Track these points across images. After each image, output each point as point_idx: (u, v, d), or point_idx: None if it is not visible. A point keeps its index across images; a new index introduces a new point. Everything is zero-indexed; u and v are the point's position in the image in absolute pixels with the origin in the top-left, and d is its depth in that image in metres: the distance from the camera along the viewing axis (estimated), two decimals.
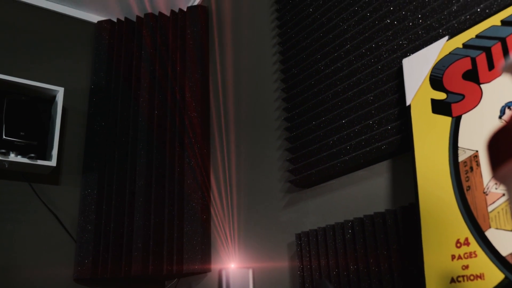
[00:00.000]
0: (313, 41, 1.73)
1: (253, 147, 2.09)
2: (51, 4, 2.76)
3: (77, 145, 2.60)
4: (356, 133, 1.46)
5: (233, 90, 2.32)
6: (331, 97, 1.60)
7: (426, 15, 1.31)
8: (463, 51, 1.18)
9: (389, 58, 1.39)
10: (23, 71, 2.53)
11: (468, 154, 1.13)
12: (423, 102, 1.25)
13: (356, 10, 1.55)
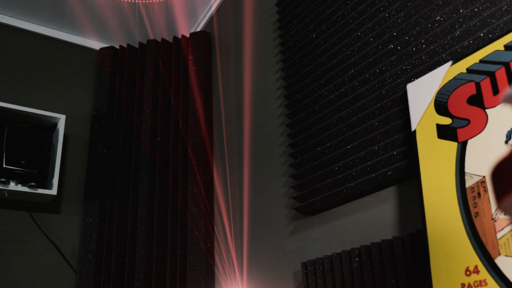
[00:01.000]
0: (317, 66, 1.76)
1: (257, 174, 2.11)
2: (53, 31, 2.82)
3: (78, 173, 2.63)
4: (361, 159, 1.48)
5: (236, 116, 2.35)
6: (336, 123, 1.62)
7: (429, 40, 1.34)
8: (467, 76, 1.21)
9: (393, 83, 1.42)
10: (24, 99, 2.58)
11: (475, 180, 1.14)
12: (429, 127, 1.27)
13: (359, 36, 1.59)
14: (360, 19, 1.60)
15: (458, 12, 1.28)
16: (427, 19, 1.36)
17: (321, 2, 1.81)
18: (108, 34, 2.88)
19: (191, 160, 2.43)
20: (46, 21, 2.78)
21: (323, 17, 1.78)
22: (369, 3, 1.58)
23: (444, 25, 1.30)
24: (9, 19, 2.70)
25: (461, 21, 1.27)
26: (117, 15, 2.75)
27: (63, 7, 2.68)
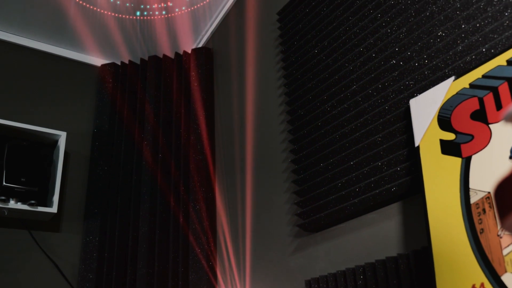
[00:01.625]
0: (319, 82, 1.78)
1: (259, 190, 2.11)
2: (54, 48, 2.86)
3: (78, 191, 2.64)
4: (365, 175, 1.49)
5: (239, 132, 2.36)
6: (339, 139, 1.63)
7: (432, 56, 1.36)
8: (470, 91, 1.22)
9: (396, 99, 1.43)
10: (25, 116, 2.60)
11: (480, 196, 1.14)
12: (432, 142, 1.28)
13: (362, 51, 1.61)
14: (362, 34, 1.63)
15: (460, 27, 1.30)
16: (429, 34, 1.38)
17: (323, 17, 1.84)
18: (109, 50, 2.91)
19: (193, 177, 2.44)
20: (47, 37, 2.82)
21: (325, 33, 1.81)
22: (371, 18, 1.60)
23: (446, 40, 1.32)
24: (10, 36, 2.74)
25: (463, 37, 1.28)
26: (119, 31, 2.78)
27: (64, 24, 2.72)
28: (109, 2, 2.60)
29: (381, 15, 1.56)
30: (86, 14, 2.66)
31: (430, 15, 1.39)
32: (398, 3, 1.51)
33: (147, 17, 2.70)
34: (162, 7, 2.65)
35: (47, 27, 2.74)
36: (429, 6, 1.40)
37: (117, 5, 2.62)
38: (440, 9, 1.37)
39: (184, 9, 2.67)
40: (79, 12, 2.64)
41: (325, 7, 1.84)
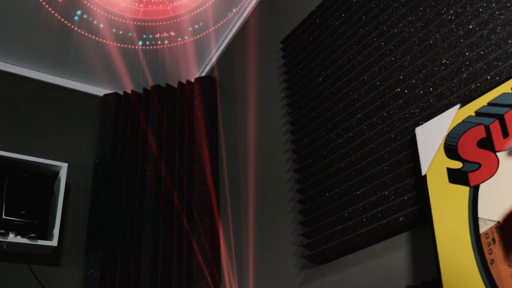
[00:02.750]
0: (324, 110, 1.81)
1: (264, 221, 2.12)
2: (55, 78, 2.91)
3: (79, 223, 2.65)
4: (371, 204, 1.50)
5: (243, 161, 2.38)
6: (344, 168, 1.65)
7: (437, 83, 1.38)
8: (476, 119, 1.24)
9: (402, 127, 1.45)
10: (25, 147, 2.63)
11: (489, 225, 1.15)
12: (439, 171, 1.30)
13: (366, 79, 1.64)
14: (366, 62, 1.66)
15: (464, 55, 1.33)
16: (434, 62, 1.41)
17: (327, 46, 1.88)
18: (112, 80, 2.96)
19: (198, 207, 2.45)
20: (48, 68, 2.87)
21: (329, 61, 1.84)
22: (374, 47, 1.64)
23: (451, 68, 1.35)
24: (10, 66, 2.79)
25: (467, 64, 1.31)
26: (121, 61, 2.84)
27: (65, 54, 2.77)
28: (111, 32, 2.66)
29: (384, 44, 1.60)
30: (88, 44, 2.72)
31: (433, 43, 1.42)
32: (402, 31, 1.54)
33: (149, 46, 2.76)
34: (165, 36, 2.70)
35: (49, 57, 2.80)
36: (433, 34, 1.43)
37: (120, 35, 2.68)
38: (444, 37, 1.40)
39: (186, 38, 2.73)
40: (81, 42, 2.70)
41: (329, 35, 1.88)
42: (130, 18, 2.59)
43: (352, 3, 1.80)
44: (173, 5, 2.53)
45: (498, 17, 1.26)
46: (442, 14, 1.42)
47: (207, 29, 2.71)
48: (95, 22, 2.60)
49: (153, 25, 2.64)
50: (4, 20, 2.52)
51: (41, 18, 2.52)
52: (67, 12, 2.52)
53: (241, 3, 2.58)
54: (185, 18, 2.61)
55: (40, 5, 2.45)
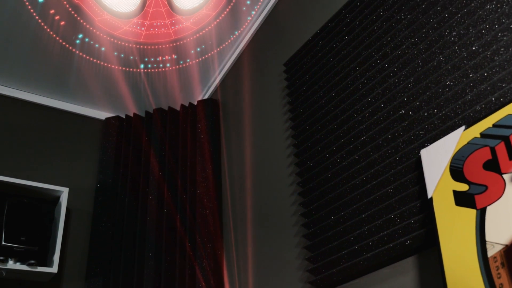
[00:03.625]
0: (328, 133, 1.83)
1: (268, 245, 2.12)
2: (56, 102, 2.95)
3: (80, 248, 2.65)
4: (377, 228, 1.51)
5: (247, 184, 2.39)
6: (349, 191, 1.66)
7: (441, 105, 1.40)
8: (481, 140, 1.26)
9: (407, 149, 1.47)
10: (26, 172, 2.65)
11: (497, 249, 1.16)
12: (445, 194, 1.31)
13: (370, 101, 1.66)
14: (370, 84, 1.68)
15: (468, 76, 1.35)
16: (437, 84, 1.43)
17: (330, 68, 1.90)
18: (114, 103, 3.00)
19: (200, 232, 2.46)
20: (49, 91, 2.91)
21: (332, 83, 1.87)
22: (378, 68, 1.66)
23: (455, 89, 1.37)
24: (12, 90, 2.83)
25: (471, 86, 1.33)
26: (123, 84, 2.87)
27: (67, 77, 2.81)
28: (113, 55, 2.70)
29: (388, 65, 1.62)
30: (89, 67, 2.76)
31: (437, 64, 1.45)
32: (405, 53, 1.57)
33: (151, 69, 2.80)
34: (167, 59, 2.74)
35: (50, 80, 2.83)
36: (436, 56, 1.46)
37: (121, 58, 2.72)
38: (447, 58, 1.42)
39: (188, 61, 2.77)
40: (83, 65, 2.74)
41: (332, 57, 1.91)
42: (132, 41, 2.63)
43: (355, 25, 1.83)
44: (175, 28, 2.57)
45: (501, 39, 1.29)
46: (445, 35, 1.45)
47: (210, 52, 2.75)
48: (97, 46, 2.64)
49: (155, 48, 2.68)
50: (5, 43, 2.56)
51: (42, 41, 2.57)
52: (69, 35, 2.56)
53: (243, 25, 2.62)
54: (187, 41, 2.65)
55: (42, 28, 2.49)
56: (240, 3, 2.50)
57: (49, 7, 2.41)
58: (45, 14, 2.44)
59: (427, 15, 1.52)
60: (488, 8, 1.34)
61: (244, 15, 2.57)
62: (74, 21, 2.49)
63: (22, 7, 2.37)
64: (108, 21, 2.50)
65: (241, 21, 2.60)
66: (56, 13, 2.44)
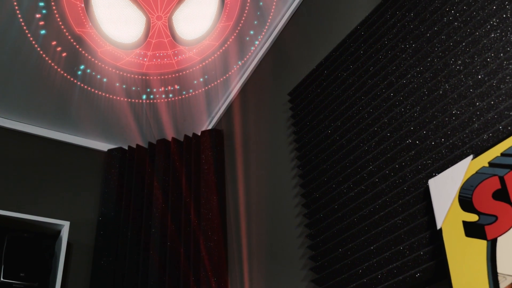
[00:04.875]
0: (334, 163, 1.85)
1: (276, 279, 2.12)
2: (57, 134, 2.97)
3: (81, 284, 2.65)
4: (386, 260, 1.51)
5: (252, 216, 2.40)
6: (357, 222, 1.67)
7: (448, 134, 1.42)
8: (490, 170, 1.27)
9: (414, 179, 1.49)
10: (26, 206, 2.67)
11: (510, 281, 1.16)
12: (455, 224, 1.32)
13: (376, 131, 1.69)
14: (376, 113, 1.71)
15: (475, 105, 1.37)
16: (444, 112, 1.46)
17: (335, 97, 1.94)
18: (116, 135, 3.04)
19: (205, 265, 2.46)
20: (51, 123, 2.94)
21: (337, 113, 1.90)
22: (384, 98, 1.69)
23: (462, 118, 1.40)
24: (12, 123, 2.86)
25: (478, 114, 1.36)
26: (125, 115, 2.91)
27: (68, 109, 2.85)
28: (114, 86, 2.75)
29: (394, 94, 1.66)
30: (91, 99, 2.80)
31: (443, 93, 1.48)
32: (410, 82, 1.60)
33: (154, 100, 2.84)
34: (169, 90, 2.79)
35: (51, 112, 2.87)
36: (442, 85, 1.49)
37: (124, 89, 2.76)
38: (453, 87, 1.45)
39: (192, 91, 2.81)
40: (84, 96, 2.78)
41: (337, 87, 1.95)
42: (135, 72, 2.68)
43: (359, 54, 1.87)
44: (178, 58, 2.62)
45: (507, 67, 1.32)
46: (450, 64, 1.48)
47: (213, 82, 2.79)
48: (99, 77, 2.69)
49: (158, 78, 2.73)
50: (6, 74, 2.60)
51: (43, 72, 2.61)
52: (71, 66, 2.61)
53: (247, 55, 2.67)
54: (190, 71, 2.70)
55: (43, 60, 2.54)
56: (244, 33, 2.56)
57: (51, 39, 2.45)
58: (46, 46, 2.49)
59: (432, 44, 1.56)
60: (493, 36, 1.37)
61: (248, 45, 2.62)
62: (76, 52, 2.54)
63: (24, 39, 2.42)
64: (111, 52, 2.55)
65: (245, 51, 2.65)
66: (58, 44, 2.48)
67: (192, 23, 2.43)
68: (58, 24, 2.39)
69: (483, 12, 1.42)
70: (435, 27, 1.57)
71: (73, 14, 2.37)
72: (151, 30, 2.45)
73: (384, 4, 1.81)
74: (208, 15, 2.43)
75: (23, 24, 2.36)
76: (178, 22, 2.41)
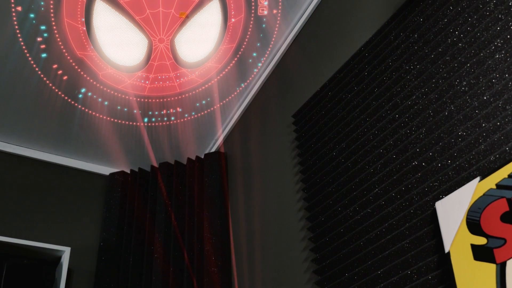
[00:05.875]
0: (339, 186, 1.86)
1: None
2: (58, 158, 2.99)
3: None
4: (394, 285, 1.52)
5: (256, 240, 2.41)
6: (363, 246, 1.68)
7: (455, 156, 1.44)
8: (497, 192, 1.29)
9: (421, 202, 1.50)
10: (26, 231, 2.67)
11: None
12: (463, 248, 1.33)
13: (382, 153, 1.70)
14: (381, 135, 1.73)
15: (481, 126, 1.39)
16: (450, 134, 1.47)
17: (340, 119, 1.96)
18: (118, 158, 3.06)
19: None
20: (51, 147, 2.96)
21: (342, 135, 1.92)
22: (389, 119, 1.71)
23: (468, 139, 1.41)
24: (13, 147, 2.88)
25: (484, 135, 1.37)
26: (127, 138, 2.94)
27: (68, 132, 2.87)
28: (115, 109, 2.77)
29: (399, 116, 1.68)
30: (92, 122, 2.82)
31: (449, 114, 1.50)
32: (416, 103, 1.62)
33: (156, 123, 2.86)
34: (171, 112, 2.82)
35: (51, 136, 2.88)
36: (447, 106, 1.51)
37: (125, 112, 2.79)
38: (459, 108, 1.47)
39: (194, 114, 2.84)
40: (85, 120, 2.81)
41: (342, 108, 1.97)
42: (136, 94, 2.71)
43: (364, 76, 1.90)
44: (180, 81, 2.66)
45: None
46: (455, 85, 1.50)
47: (216, 104, 2.82)
48: (100, 100, 2.71)
49: (160, 101, 2.76)
50: (6, 98, 2.62)
51: (44, 96, 2.63)
52: (71, 90, 2.63)
53: (250, 77, 2.70)
54: (192, 93, 2.74)
55: (44, 83, 2.56)
56: (247, 55, 2.59)
57: (52, 62, 2.49)
58: (47, 69, 2.52)
59: (437, 65, 1.59)
60: (498, 57, 1.40)
61: (251, 67, 2.65)
62: (77, 76, 2.57)
63: (25, 62, 2.45)
64: (112, 75, 2.59)
65: (247, 73, 2.69)
66: (59, 67, 2.52)
67: (194, 45, 2.47)
68: (59, 47, 2.42)
69: (487, 33, 1.44)
70: (440, 48, 1.59)
71: (74, 37, 2.40)
72: (153, 52, 2.49)
73: (388, 25, 1.84)
74: (210, 37, 2.47)
75: (24, 47, 2.39)
76: (180, 44, 2.45)
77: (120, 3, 2.30)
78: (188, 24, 2.40)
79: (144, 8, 2.33)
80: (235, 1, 2.38)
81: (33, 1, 2.22)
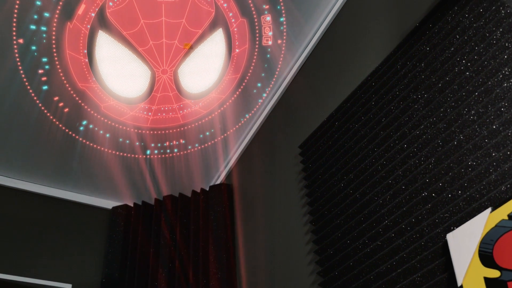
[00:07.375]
0: (348, 218, 1.88)
1: None
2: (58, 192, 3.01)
3: None
4: None
5: (263, 274, 2.41)
6: (374, 280, 1.68)
7: (465, 186, 1.46)
8: (509, 222, 1.30)
9: (432, 233, 1.51)
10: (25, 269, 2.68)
11: None
12: (476, 281, 1.34)
13: (390, 184, 1.72)
14: (389, 166, 1.75)
15: (491, 155, 1.41)
16: (460, 164, 1.50)
17: (347, 150, 1.98)
18: (120, 191, 3.08)
19: None
20: (52, 181, 2.98)
21: (350, 165, 1.94)
22: (397, 149, 1.73)
23: (478, 169, 1.43)
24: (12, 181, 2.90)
25: (495, 165, 1.40)
26: (130, 171, 2.96)
27: (69, 165, 2.89)
28: (117, 142, 2.81)
29: (407, 146, 1.70)
30: (94, 155, 2.85)
31: (458, 144, 1.52)
32: (424, 132, 1.65)
33: (159, 155, 2.89)
34: (175, 144, 2.85)
35: (52, 169, 2.91)
36: (456, 135, 1.53)
37: (127, 144, 2.82)
38: (468, 137, 1.50)
39: (197, 146, 2.87)
40: (86, 152, 2.83)
41: (349, 138, 2.00)
42: (139, 127, 2.74)
43: (371, 106, 1.93)
44: (183, 112, 2.69)
45: None
46: (464, 114, 1.53)
47: (220, 135, 2.85)
48: (101, 132, 2.75)
49: (163, 133, 2.79)
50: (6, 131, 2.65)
51: (44, 129, 2.67)
52: (73, 122, 2.67)
53: (254, 108, 2.74)
54: (196, 125, 2.77)
55: (45, 116, 2.60)
56: (251, 85, 2.63)
57: (53, 94, 2.52)
58: (48, 101, 2.55)
59: (444, 94, 1.62)
60: (506, 86, 1.43)
61: (255, 97, 2.69)
62: (79, 108, 2.60)
63: (26, 94, 2.49)
64: (114, 106, 2.63)
65: (252, 104, 2.72)
66: (60, 99, 2.55)
67: (198, 76, 2.51)
68: (60, 79, 2.47)
69: (495, 62, 1.48)
70: (447, 77, 1.63)
71: (76, 69, 2.45)
72: (156, 84, 2.54)
73: (395, 54, 1.88)
74: (214, 68, 2.51)
75: (25, 79, 2.43)
76: (183, 75, 2.50)
77: (123, 34, 2.35)
78: (191, 55, 2.45)
79: (147, 39, 2.38)
80: (240, 32, 2.43)
81: (35, 34, 2.27)
